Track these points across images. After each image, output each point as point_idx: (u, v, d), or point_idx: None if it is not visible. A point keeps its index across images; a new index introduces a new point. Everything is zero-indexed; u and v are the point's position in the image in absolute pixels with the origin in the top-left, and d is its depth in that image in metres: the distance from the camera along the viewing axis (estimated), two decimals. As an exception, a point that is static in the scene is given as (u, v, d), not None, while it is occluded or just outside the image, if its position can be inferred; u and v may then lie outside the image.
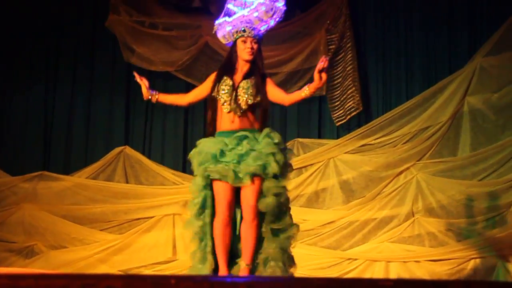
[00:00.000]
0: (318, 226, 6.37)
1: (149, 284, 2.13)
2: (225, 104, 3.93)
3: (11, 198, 6.53)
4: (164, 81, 6.91)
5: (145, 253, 6.32)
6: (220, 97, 3.95)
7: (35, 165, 6.70)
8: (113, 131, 6.84)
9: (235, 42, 4.07)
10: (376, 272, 5.94)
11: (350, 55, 6.68)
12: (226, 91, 3.94)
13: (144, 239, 6.39)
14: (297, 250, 6.19)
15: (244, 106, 3.90)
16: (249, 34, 4.01)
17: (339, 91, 6.66)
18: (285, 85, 6.75)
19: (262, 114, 3.99)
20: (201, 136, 6.64)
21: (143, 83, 4.21)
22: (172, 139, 6.86)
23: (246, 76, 3.99)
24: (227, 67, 4.06)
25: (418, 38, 6.64)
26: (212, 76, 4.11)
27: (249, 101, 3.91)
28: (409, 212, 6.14)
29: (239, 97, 3.91)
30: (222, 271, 3.84)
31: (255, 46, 4.00)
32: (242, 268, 3.85)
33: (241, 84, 3.95)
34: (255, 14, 4.08)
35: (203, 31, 6.80)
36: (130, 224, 6.47)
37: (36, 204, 6.51)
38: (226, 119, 3.94)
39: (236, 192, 3.88)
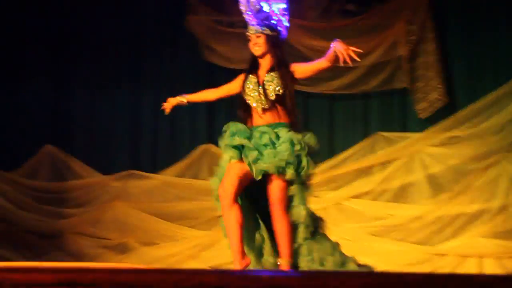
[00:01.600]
0: (406, 221, 6.15)
1: (239, 278, 2.11)
2: (252, 100, 3.92)
3: (104, 197, 6.70)
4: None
5: (224, 252, 6.24)
6: (247, 95, 3.94)
7: (125, 164, 6.80)
8: (197, 129, 6.89)
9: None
10: (469, 268, 5.67)
11: (432, 46, 6.45)
12: (252, 87, 3.93)
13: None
14: (386, 246, 6.10)
15: (272, 98, 3.86)
16: (250, 31, 4.00)
17: (422, 83, 6.44)
18: (366, 78, 6.61)
19: (289, 107, 3.91)
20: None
21: (169, 102, 4.30)
22: (254, 136, 6.85)
23: (270, 70, 3.96)
24: (251, 65, 4.05)
25: (504, 26, 6.34)
26: (241, 75, 4.10)
27: (276, 92, 3.87)
28: (501, 205, 5.83)
29: (267, 91, 3.88)
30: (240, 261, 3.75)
31: (259, 41, 3.97)
32: (283, 265, 3.76)
33: (266, 78, 3.92)
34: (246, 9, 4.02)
35: (282, 28, 6.76)
36: (217, 220, 6.49)
37: (127, 202, 6.61)
38: (255, 115, 3.93)
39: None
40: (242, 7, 4.02)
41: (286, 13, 4.10)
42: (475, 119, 6.19)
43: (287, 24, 4.13)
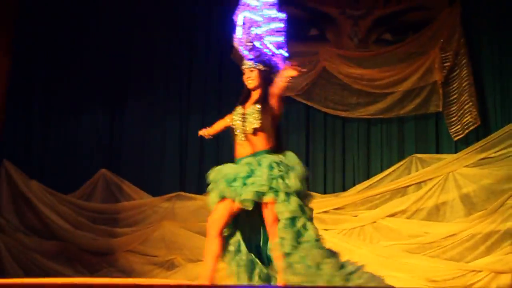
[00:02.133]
0: (440, 238, 6.25)
1: None
2: (235, 130, 4.05)
3: (153, 217, 6.88)
4: (286, 106, 7.01)
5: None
6: (232, 124, 4.08)
7: (173, 186, 7.02)
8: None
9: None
10: (502, 284, 5.75)
11: (465, 71, 6.58)
12: (237, 118, 4.06)
13: (272, 253, 6.54)
14: (421, 262, 6.18)
15: (249, 130, 3.98)
16: (244, 66, 4.13)
17: (455, 107, 6.57)
18: (402, 103, 6.75)
19: (272, 134, 4.01)
20: (322, 156, 6.94)
21: (203, 132, 4.43)
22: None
23: (256, 102, 4.07)
24: (242, 98, 4.17)
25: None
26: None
27: (254, 126, 3.98)
28: (533, 223, 5.91)
29: (246, 122, 4.00)
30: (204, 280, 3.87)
31: (252, 75, 4.09)
32: (280, 281, 3.83)
33: (247, 111, 4.04)
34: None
35: (321, 57, 6.95)
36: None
37: (175, 222, 6.81)
38: (238, 145, 4.05)
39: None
40: (236, 44, 4.16)
41: (283, 45, 4.22)
42: (508, 140, 6.29)
43: (286, 54, 4.24)
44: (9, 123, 6.89)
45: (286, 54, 4.25)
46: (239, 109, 4.11)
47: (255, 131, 4.00)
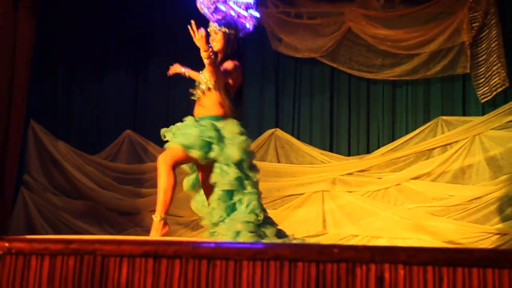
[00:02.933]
0: (465, 201, 6.11)
1: (314, 252, 2.13)
2: (196, 90, 4.07)
3: (178, 177, 6.81)
4: (310, 67, 6.92)
5: (297, 227, 6.34)
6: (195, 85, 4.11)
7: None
8: (264, 115, 6.94)
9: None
10: (527, 247, 5.58)
11: (494, 32, 6.29)
12: (200, 78, 4.06)
13: (295, 214, 6.45)
14: (445, 225, 6.03)
15: (201, 93, 4.00)
16: (210, 28, 4.07)
17: (483, 68, 6.31)
18: (428, 64, 6.51)
19: (223, 101, 4.00)
20: (347, 118, 6.75)
21: (175, 67, 4.46)
22: (319, 120, 6.84)
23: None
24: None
25: None
26: None
27: (207, 85, 3.97)
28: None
29: (200, 84, 4.02)
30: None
31: (217, 37, 4.04)
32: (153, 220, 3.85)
33: (201, 76, 4.05)
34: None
35: (346, 17, 6.72)
36: (282, 200, 6.55)
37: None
38: (196, 104, 4.09)
39: None
40: (199, 6, 4.07)
41: (252, 5, 4.10)
42: (536, 102, 6.03)
43: (257, 14, 4.14)
44: (35, 84, 6.80)
45: (257, 14, 4.15)
46: (200, 72, 4.09)
47: (206, 94, 3.99)
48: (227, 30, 4.03)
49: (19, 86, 6.43)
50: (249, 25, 4.13)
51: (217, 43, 4.02)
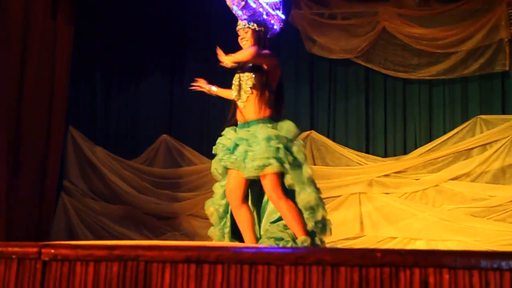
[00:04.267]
0: (506, 202, 6.00)
1: (357, 256, 2.11)
2: (235, 95, 3.88)
3: (213, 181, 6.74)
4: (345, 68, 6.88)
5: (335, 230, 6.20)
6: (232, 90, 3.91)
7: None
8: (300, 117, 6.90)
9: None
10: None
11: (533, 28, 6.15)
12: (235, 83, 3.89)
13: (333, 217, 6.30)
14: (485, 226, 5.92)
15: (244, 96, 3.82)
16: (238, 26, 3.94)
17: (522, 66, 6.17)
18: (465, 62, 6.41)
19: (267, 101, 3.84)
20: (383, 119, 6.68)
21: (201, 83, 4.25)
22: (354, 121, 6.80)
23: (249, 68, 3.86)
24: (239, 64, 3.92)
25: None
26: None
27: (247, 90, 3.81)
28: None
29: (242, 87, 3.84)
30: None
31: (247, 35, 3.88)
32: (303, 242, 3.64)
33: (243, 76, 3.87)
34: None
35: (380, 17, 6.66)
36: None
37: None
38: (238, 111, 3.89)
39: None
40: (228, 3, 3.96)
41: (280, 6, 4.01)
42: None
43: (282, 16, 4.04)
44: (73, 91, 6.92)
45: (283, 16, 4.06)
46: (236, 75, 3.94)
47: (248, 97, 3.84)
48: (256, 27, 3.90)
49: (59, 92, 6.56)
50: (276, 26, 4.03)
51: (246, 41, 3.89)
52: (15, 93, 5.95)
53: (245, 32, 3.91)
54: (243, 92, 3.86)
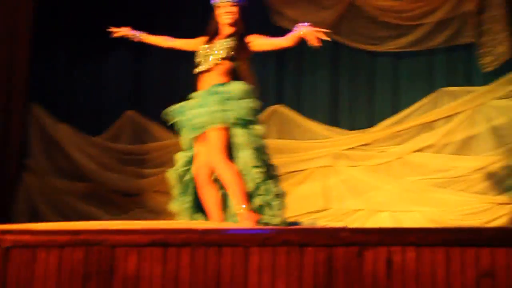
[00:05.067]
0: (468, 172, 6.10)
1: (323, 236, 2.13)
2: (198, 65, 3.91)
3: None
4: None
5: (300, 203, 6.34)
6: (197, 58, 3.94)
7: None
8: (267, 91, 6.84)
9: (213, 9, 4.01)
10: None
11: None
12: (201, 53, 3.92)
13: (299, 190, 6.43)
14: (448, 196, 6.04)
15: (211, 65, 3.85)
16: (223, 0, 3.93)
17: (488, 37, 6.21)
18: (432, 34, 6.41)
19: (239, 68, 3.90)
20: (349, 92, 6.69)
21: (124, 30, 4.34)
22: (321, 94, 6.78)
23: (227, 37, 3.92)
24: (211, 34, 4.00)
25: None
26: (203, 38, 4.06)
27: (220, 56, 3.85)
28: None
29: (212, 54, 3.87)
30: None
31: (233, 9, 3.92)
32: (240, 213, 3.63)
33: (216, 45, 3.90)
34: None
35: (349, -12, 6.61)
36: (285, 176, 6.49)
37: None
38: (200, 80, 3.92)
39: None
40: None
41: None
42: (541, 72, 5.96)
43: None
44: (35, 67, 6.74)
45: None
46: (204, 45, 3.96)
47: (219, 64, 3.85)
48: (244, 4, 4.00)
49: (20, 68, 6.41)
50: None
51: (232, 15, 3.93)
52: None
53: (231, 5, 3.92)
54: (213, 59, 3.87)
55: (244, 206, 3.60)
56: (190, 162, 3.94)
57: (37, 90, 6.80)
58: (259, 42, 3.98)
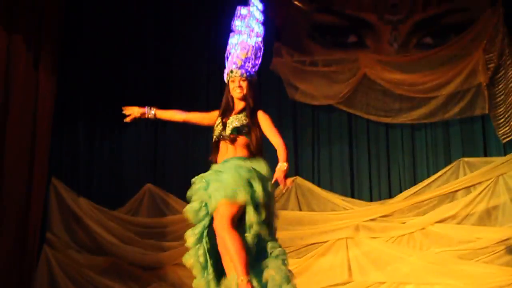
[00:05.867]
0: (493, 244, 6.01)
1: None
2: (214, 138, 3.94)
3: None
4: (327, 114, 6.96)
5: (322, 275, 6.28)
6: (214, 135, 3.97)
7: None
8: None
9: (227, 84, 4.06)
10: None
11: (510, 72, 6.33)
12: (217, 129, 3.95)
13: (320, 263, 6.37)
14: (473, 268, 5.92)
15: (226, 139, 3.88)
16: (236, 74, 3.97)
17: (502, 108, 6.35)
18: (446, 106, 6.54)
19: (252, 143, 3.90)
20: (367, 163, 6.73)
21: (134, 110, 4.28)
22: (339, 167, 6.84)
23: (239, 112, 3.96)
24: (225, 109, 4.04)
25: None
26: (217, 112, 4.10)
27: (232, 134, 3.87)
28: None
29: (225, 131, 3.90)
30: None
31: (243, 84, 3.96)
32: (239, 285, 3.57)
33: (230, 120, 3.94)
34: (237, 53, 4.03)
35: (361, 64, 6.79)
36: (306, 248, 6.48)
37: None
38: (219, 154, 3.93)
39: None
40: (244, 51, 4.02)
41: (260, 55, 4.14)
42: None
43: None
44: (56, 142, 6.89)
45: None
46: (220, 119, 4.00)
47: (235, 137, 3.88)
48: (253, 79, 4.03)
49: (40, 143, 6.53)
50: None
51: (242, 90, 3.97)
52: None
53: (242, 80, 3.99)
54: (227, 134, 3.91)
55: (242, 278, 3.58)
56: (200, 239, 3.94)
57: (57, 164, 6.92)
58: (263, 125, 3.98)
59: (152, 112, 4.24)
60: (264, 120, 4.02)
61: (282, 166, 3.77)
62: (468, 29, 6.53)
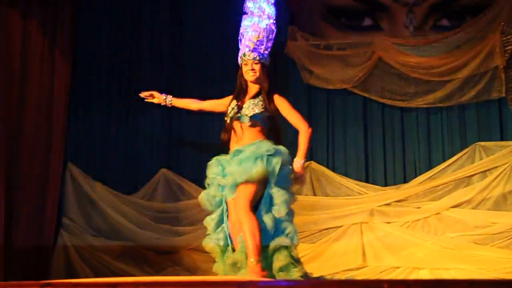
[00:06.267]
0: (509, 229, 5.97)
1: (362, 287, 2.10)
2: (229, 122, 4.00)
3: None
4: (342, 98, 6.91)
5: (337, 260, 6.28)
6: (227, 116, 4.02)
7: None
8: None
9: (240, 67, 4.10)
10: None
11: (528, 54, 6.22)
12: (231, 111, 4.00)
13: (334, 247, 6.36)
14: (488, 254, 5.88)
15: (244, 122, 3.93)
16: (249, 57, 4.02)
17: (519, 92, 6.23)
18: (462, 90, 6.46)
19: (270, 127, 3.99)
20: (381, 145, 6.69)
21: (153, 94, 4.43)
22: (354, 151, 6.80)
23: (254, 96, 4.01)
24: (238, 92, 4.08)
25: None
26: (229, 97, 4.15)
27: (252, 112, 3.92)
28: None
29: (241, 115, 3.95)
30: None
31: (257, 67, 4.00)
32: (249, 266, 3.63)
33: (246, 104, 3.98)
34: (249, 36, 4.05)
35: (376, 47, 6.72)
36: (320, 233, 6.47)
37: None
38: (232, 137, 4.00)
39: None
40: (256, 34, 4.06)
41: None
42: None
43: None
44: (72, 127, 6.91)
45: None
46: (234, 103, 4.05)
47: (253, 122, 3.94)
48: (265, 61, 4.09)
49: (57, 128, 6.58)
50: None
51: (255, 73, 4.04)
52: (14, 130, 5.96)
53: (255, 63, 4.02)
54: (243, 118, 3.95)
55: (252, 260, 3.64)
56: (219, 223, 3.97)
57: (74, 149, 6.95)
58: (281, 109, 4.06)
59: (169, 99, 4.42)
60: (281, 103, 4.04)
61: (301, 163, 3.91)
62: (485, 10, 6.44)
